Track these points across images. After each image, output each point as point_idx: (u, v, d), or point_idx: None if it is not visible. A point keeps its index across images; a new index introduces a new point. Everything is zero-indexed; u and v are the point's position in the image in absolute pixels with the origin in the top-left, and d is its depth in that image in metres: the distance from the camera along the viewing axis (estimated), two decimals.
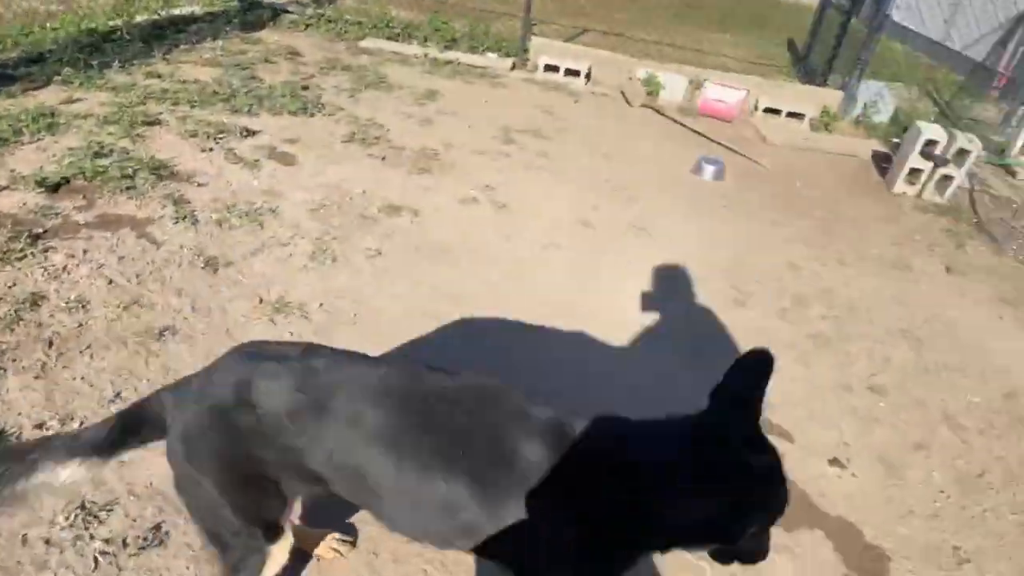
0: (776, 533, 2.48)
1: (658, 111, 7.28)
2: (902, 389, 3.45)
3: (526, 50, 8.04)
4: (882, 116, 7.81)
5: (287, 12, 8.57)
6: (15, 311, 2.76)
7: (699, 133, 6.77)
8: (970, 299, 4.50)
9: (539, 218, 4.50)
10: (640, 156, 5.98)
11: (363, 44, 7.95)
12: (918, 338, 3.91)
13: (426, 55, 7.76)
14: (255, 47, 7.10)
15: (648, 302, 3.81)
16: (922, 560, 2.51)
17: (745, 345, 3.52)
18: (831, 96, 7.87)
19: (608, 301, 3.72)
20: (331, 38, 8.08)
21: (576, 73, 7.73)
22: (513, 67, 7.89)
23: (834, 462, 2.89)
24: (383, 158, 4.94)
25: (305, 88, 6.07)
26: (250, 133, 4.88)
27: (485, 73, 7.54)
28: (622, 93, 7.61)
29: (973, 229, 5.61)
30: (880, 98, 7.80)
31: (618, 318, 3.59)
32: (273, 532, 1.58)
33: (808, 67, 9.34)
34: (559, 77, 7.71)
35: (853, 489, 2.77)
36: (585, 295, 3.73)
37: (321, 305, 3.21)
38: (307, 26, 8.30)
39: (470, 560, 2.13)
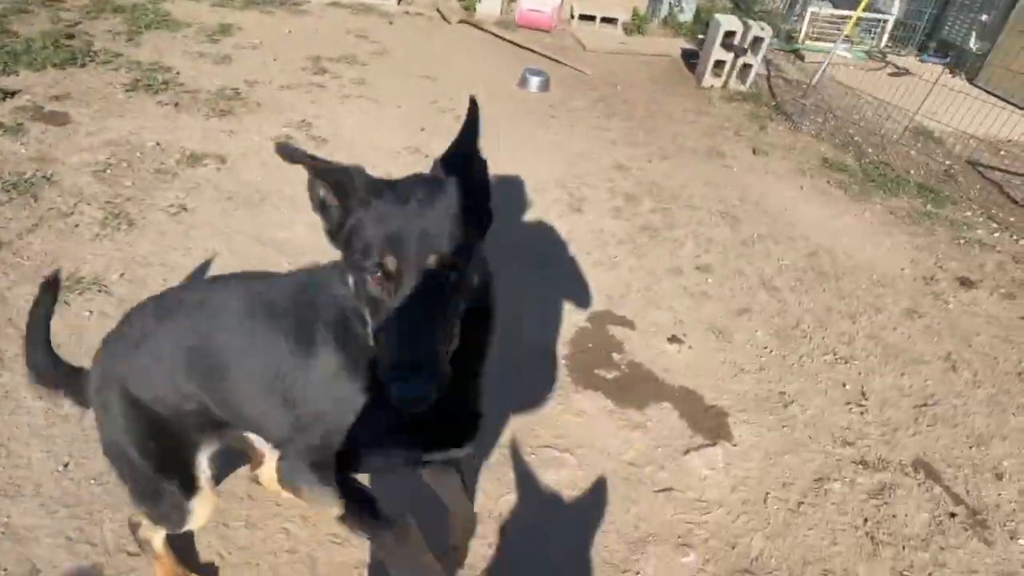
0: (630, 413, 2.64)
1: (476, 26, 7.09)
2: (724, 264, 3.74)
3: None
4: (686, 15, 8.17)
5: None
6: None
7: (520, 45, 6.70)
8: (774, 175, 4.94)
9: (365, 149, 4.26)
10: (464, 74, 5.82)
11: None
12: (734, 216, 4.24)
13: None
14: None
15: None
16: (755, 410, 2.79)
17: (585, 248, 3.64)
18: None
19: None
20: None
21: None
22: None
23: (672, 339, 3.09)
24: (176, 104, 4.39)
25: (71, 36, 5.19)
26: (8, 94, 4.11)
27: (285, 1, 6.88)
28: (438, 10, 7.31)
29: (772, 111, 6.11)
30: None
31: None
32: (189, 486, 1.52)
33: None
34: None
35: (691, 360, 2.99)
36: None
37: (122, 275, 2.84)
38: None
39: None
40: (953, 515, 2.47)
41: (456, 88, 5.45)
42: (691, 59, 6.95)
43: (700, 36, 7.31)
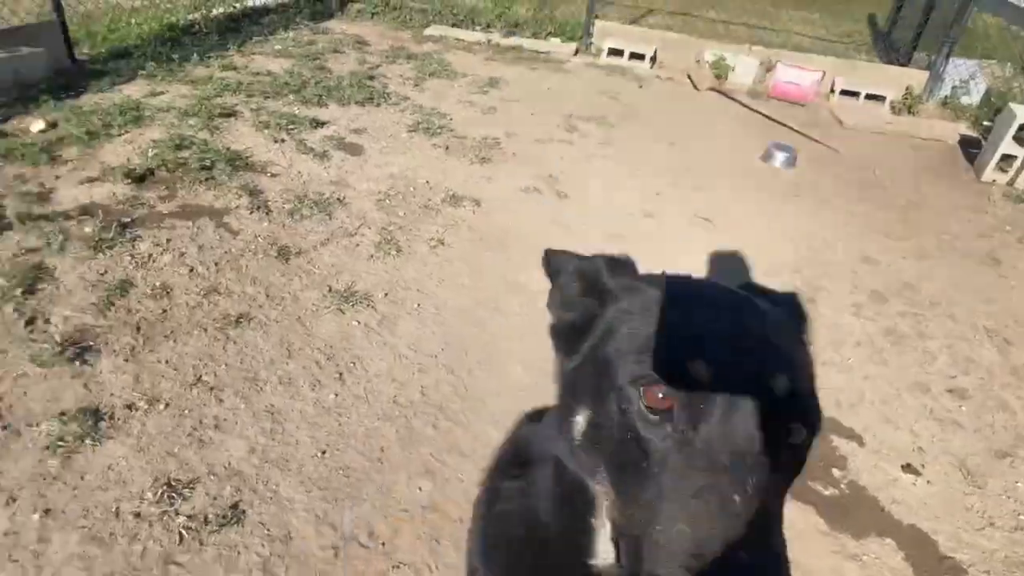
0: (844, 539, 2.42)
1: (726, 95, 7.05)
2: (986, 392, 3.26)
3: (590, 34, 7.92)
4: (972, 97, 7.31)
5: (354, 1, 8.72)
6: (107, 297, 2.95)
7: (769, 118, 6.52)
8: None
9: (601, 208, 4.46)
10: (707, 142, 5.82)
11: (428, 32, 8.01)
12: (1005, 338, 3.67)
13: (489, 41, 7.76)
14: (324, 37, 7.28)
15: None
16: None
17: (816, 344, 3.42)
18: (915, 76, 7.41)
19: None
20: (396, 27, 8.18)
21: (641, 57, 7.56)
22: (576, 52, 7.79)
23: (908, 468, 2.76)
24: (446, 148, 4.99)
25: (371, 78, 6.18)
26: (319, 124, 5.02)
27: (548, 59, 7.47)
28: (688, 77, 7.40)
29: None
30: (971, 78, 7.29)
31: None
32: None
33: (890, 45, 8.82)
34: (623, 61, 7.56)
35: (928, 497, 2.65)
36: None
37: (386, 295, 3.29)
38: (373, 15, 8.44)
39: None
40: None
41: (696, 156, 5.47)
42: (971, 148, 6.19)
43: (987, 123, 6.49)
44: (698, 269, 3.91)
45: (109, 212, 3.52)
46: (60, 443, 2.28)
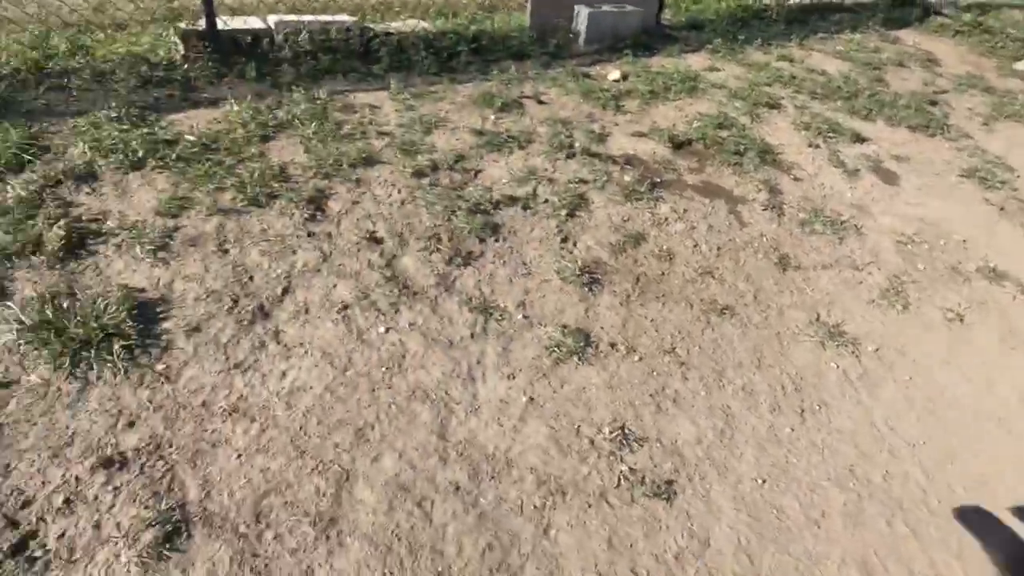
0: None
1: None
2: None
3: None
4: None
5: (940, 14, 7.67)
6: (623, 242, 3.32)
7: None
8: None
9: None
10: None
11: (1018, 66, 6.60)
12: None
13: None
14: (891, 47, 6.62)
15: None
16: None
17: None
18: None
19: None
20: (981, 51, 6.94)
21: None
22: None
23: None
24: (1001, 208, 4.10)
25: (933, 103, 5.41)
26: (860, 139, 4.63)
27: None
28: None
29: None
30: None
31: None
32: None
33: None
34: None
35: None
36: None
37: (876, 351, 2.93)
38: (956, 33, 7.30)
39: None
40: None
41: None
42: None
43: None
44: None
45: (647, 168, 3.91)
46: (555, 349, 2.70)
